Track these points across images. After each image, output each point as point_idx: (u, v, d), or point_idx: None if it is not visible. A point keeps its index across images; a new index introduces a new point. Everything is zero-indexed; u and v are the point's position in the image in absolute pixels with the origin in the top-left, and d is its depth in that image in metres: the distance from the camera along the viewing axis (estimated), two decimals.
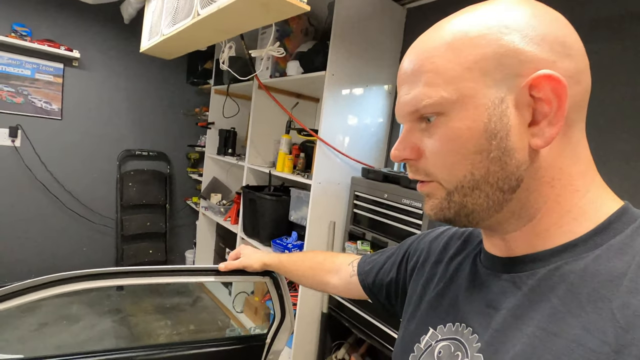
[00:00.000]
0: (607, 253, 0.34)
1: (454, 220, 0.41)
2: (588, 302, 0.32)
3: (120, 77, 2.83)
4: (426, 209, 0.43)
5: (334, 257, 0.81)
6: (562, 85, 0.33)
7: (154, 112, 3.04)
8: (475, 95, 0.35)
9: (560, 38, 0.35)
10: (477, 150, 0.36)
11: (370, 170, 1.77)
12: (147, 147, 3.04)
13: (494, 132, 0.35)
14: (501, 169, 0.36)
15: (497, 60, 0.35)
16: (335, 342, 2.01)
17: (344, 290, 0.75)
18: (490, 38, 0.35)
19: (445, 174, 0.39)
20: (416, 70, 0.38)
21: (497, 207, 0.38)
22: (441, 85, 0.36)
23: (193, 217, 3.30)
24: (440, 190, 0.40)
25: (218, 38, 1.54)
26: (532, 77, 0.34)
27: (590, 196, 0.37)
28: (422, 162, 0.41)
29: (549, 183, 0.37)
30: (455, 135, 0.37)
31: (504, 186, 0.37)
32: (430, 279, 0.53)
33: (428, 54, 0.38)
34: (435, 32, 0.39)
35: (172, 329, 2.36)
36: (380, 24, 1.88)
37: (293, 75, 1.92)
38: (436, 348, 0.45)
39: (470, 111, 0.36)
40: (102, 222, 2.89)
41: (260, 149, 2.37)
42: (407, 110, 0.40)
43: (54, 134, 2.62)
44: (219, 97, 2.78)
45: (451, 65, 0.36)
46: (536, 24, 0.35)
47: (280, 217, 2.11)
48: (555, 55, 0.34)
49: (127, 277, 0.71)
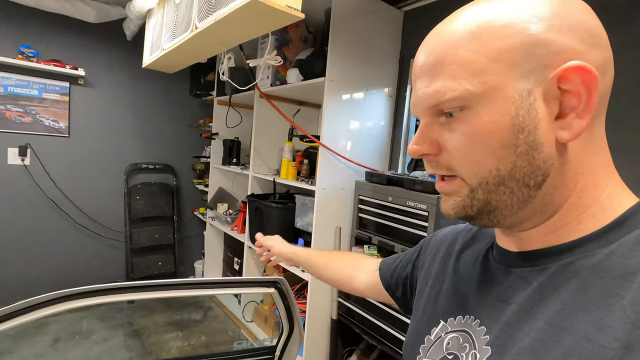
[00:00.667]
0: (621, 249, 0.33)
1: (475, 218, 0.39)
2: (599, 299, 0.32)
3: (124, 93, 2.88)
4: (446, 208, 0.41)
5: (366, 258, 0.82)
6: (593, 76, 0.32)
7: (158, 125, 3.08)
8: (503, 88, 0.34)
9: (589, 28, 0.34)
10: (503, 145, 0.35)
11: (374, 174, 1.76)
12: (153, 160, 3.08)
13: (522, 125, 0.34)
14: (528, 163, 0.35)
15: (525, 51, 0.33)
16: (347, 348, 1.99)
17: (368, 287, 0.75)
18: (518, 28, 0.33)
19: (470, 170, 0.37)
20: (438, 63, 0.37)
21: (522, 204, 0.37)
22: (466, 77, 0.35)
23: (201, 227, 3.32)
24: (463, 187, 0.38)
25: (217, 50, 1.56)
26: (562, 69, 0.33)
27: (610, 191, 0.36)
28: (443, 157, 0.39)
29: (573, 177, 0.36)
30: (481, 130, 0.35)
31: (530, 182, 0.35)
32: (440, 272, 0.53)
33: (450, 45, 0.36)
34: (457, 22, 0.36)
35: (183, 341, 2.37)
36: (378, 28, 1.89)
37: (293, 82, 1.93)
38: (445, 339, 0.45)
39: (497, 104, 0.34)
40: (112, 236, 2.93)
41: (264, 157, 2.38)
42: (427, 103, 0.38)
43: (62, 151, 2.68)
44: (222, 108, 2.81)
45: (476, 56, 0.34)
46: (565, 13, 0.33)
47: (287, 224, 2.11)
48: (584, 45, 0.33)
49: (142, 291, 0.72)
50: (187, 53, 1.58)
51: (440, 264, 0.54)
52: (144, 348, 2.26)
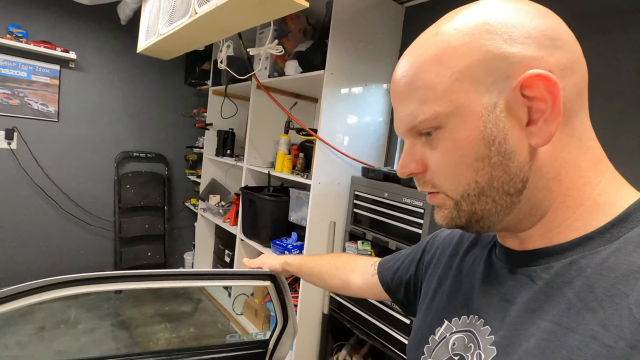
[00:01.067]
0: (626, 246, 0.33)
1: (466, 227, 0.41)
2: (605, 297, 0.32)
3: (117, 78, 2.82)
4: (437, 219, 0.43)
5: (358, 259, 0.81)
6: (552, 82, 0.33)
7: (151, 113, 3.02)
8: (469, 105, 0.35)
9: (547, 31, 0.34)
10: (477, 158, 0.36)
11: (371, 170, 1.75)
12: (145, 149, 3.02)
13: (492, 137, 0.35)
14: (504, 172, 0.36)
15: (485, 67, 0.34)
16: (337, 343, 1.99)
17: (366, 290, 0.74)
18: (474, 45, 0.35)
19: (450, 185, 0.39)
20: (407, 88, 0.39)
21: (506, 210, 0.38)
22: (433, 100, 0.36)
23: (192, 219, 3.28)
24: (448, 201, 0.40)
25: (216, 37, 1.53)
26: (522, 78, 0.34)
27: (603, 187, 0.36)
28: (428, 175, 0.41)
29: (556, 178, 0.36)
30: (455, 146, 0.37)
31: (510, 189, 0.36)
32: (445, 272, 0.53)
33: (416, 70, 0.38)
34: (420, 47, 0.39)
35: (172, 332, 2.34)
36: (379, 23, 1.87)
37: (292, 74, 1.90)
38: (450, 340, 0.45)
39: (466, 121, 0.36)
40: (100, 224, 2.87)
41: (259, 150, 2.36)
42: (404, 127, 0.40)
43: (50, 136, 2.60)
44: (217, 98, 2.77)
45: (440, 78, 0.36)
46: (518, 23, 0.34)
47: (280, 217, 2.10)
48: (543, 50, 0.34)
49: (127, 281, 0.69)
50: (185, 39, 1.54)
51: (446, 264, 0.54)
52: (132, 339, 2.23)
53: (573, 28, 0.37)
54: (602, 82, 1.27)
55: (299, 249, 1.97)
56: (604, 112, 1.26)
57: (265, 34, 2.05)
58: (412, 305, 0.64)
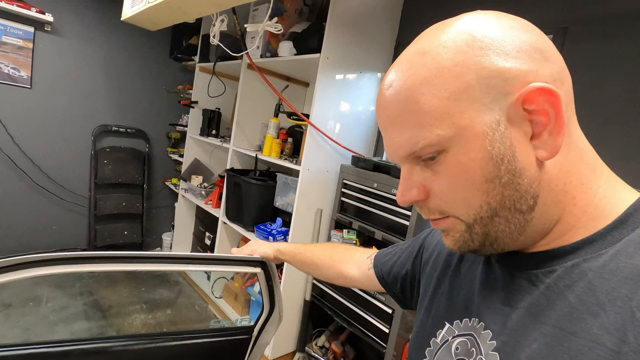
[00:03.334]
0: (627, 249, 0.33)
1: (479, 250, 0.39)
2: (607, 301, 0.31)
3: (97, 46, 2.65)
4: (449, 243, 0.41)
5: (354, 250, 0.80)
6: (554, 94, 0.33)
7: (133, 86, 2.87)
8: (471, 125, 0.34)
9: (535, 44, 0.34)
10: (488, 179, 0.35)
11: (361, 159, 1.74)
12: (125, 124, 2.89)
13: (500, 156, 0.34)
14: (515, 191, 0.35)
15: (482, 84, 0.33)
16: (316, 329, 2.01)
17: (362, 282, 0.74)
18: (468, 64, 0.33)
19: (462, 209, 0.37)
20: (400, 112, 0.36)
21: (520, 229, 0.37)
22: (434, 123, 0.35)
23: (172, 198, 3.19)
24: (459, 224, 0.38)
25: (210, 10, 1.44)
26: (523, 93, 0.33)
27: (603, 191, 0.36)
28: (433, 202, 0.39)
29: (563, 189, 0.36)
30: (463, 170, 0.35)
31: (522, 207, 0.35)
32: (444, 272, 0.52)
33: (408, 93, 0.36)
34: (408, 67, 0.36)
35: (147, 314, 2.29)
36: (377, 10, 1.83)
37: (285, 56, 1.84)
38: (453, 344, 0.44)
39: (471, 142, 0.34)
40: (74, 200, 2.74)
41: (247, 132, 2.29)
42: (402, 153, 0.38)
43: (22, 103, 2.43)
44: (204, 75, 2.66)
45: (436, 101, 0.34)
46: (508, 37, 0.34)
47: (266, 202, 2.06)
48: (536, 63, 0.33)
49: (107, 262, 0.65)
50: (176, 10, 1.45)
51: (445, 263, 0.53)
52: (105, 319, 2.17)
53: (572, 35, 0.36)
54: (590, 90, 1.29)
55: (283, 234, 1.95)
56: (591, 118, 1.29)
57: (261, 11, 1.97)
58: (408, 300, 0.64)
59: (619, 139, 1.25)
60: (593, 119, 1.28)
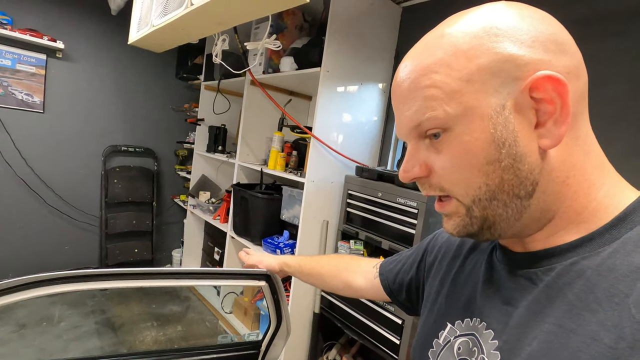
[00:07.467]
0: (625, 246, 0.33)
1: (478, 235, 0.40)
2: (605, 298, 0.32)
3: (106, 70, 2.74)
4: (448, 228, 0.42)
5: (360, 260, 0.80)
6: (562, 84, 0.33)
7: (141, 107, 2.95)
8: (479, 106, 0.35)
9: (552, 36, 0.35)
10: (488, 161, 0.36)
11: (365, 169, 1.75)
12: (134, 143, 2.96)
13: (502, 140, 0.35)
14: (515, 175, 0.35)
15: (494, 68, 0.34)
16: (327, 342, 1.99)
17: (369, 292, 0.73)
18: (483, 48, 0.35)
19: (461, 189, 0.38)
20: (413, 88, 0.38)
21: (517, 215, 0.37)
22: (443, 99, 0.36)
23: (181, 215, 3.23)
24: (459, 207, 0.39)
25: (212, 30, 1.50)
26: (531, 80, 0.33)
27: (607, 189, 0.36)
28: (434, 179, 0.40)
29: (565, 182, 0.36)
30: (465, 149, 0.36)
31: (520, 192, 0.36)
32: (447, 274, 0.52)
33: (423, 71, 0.37)
34: (426, 49, 0.38)
35: (158, 331, 2.30)
36: (376, 22, 1.86)
37: (287, 71, 1.88)
38: (455, 344, 0.44)
39: (476, 123, 0.35)
40: (86, 220, 2.80)
41: (252, 147, 2.33)
42: (410, 125, 0.39)
43: (35, 127, 2.52)
44: (209, 93, 2.72)
45: (449, 80, 0.35)
46: (525, 27, 0.34)
47: (272, 215, 2.08)
48: (550, 54, 0.34)
49: (117, 279, 0.66)
50: (179, 32, 1.50)
51: (449, 266, 0.53)
52: (117, 337, 2.18)
53: (574, 33, 0.37)
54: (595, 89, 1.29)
55: (290, 247, 1.95)
56: (597, 117, 1.28)
57: (262, 29, 2.02)
58: (414, 306, 0.63)
59: (624, 137, 1.24)
60: (598, 119, 1.27)
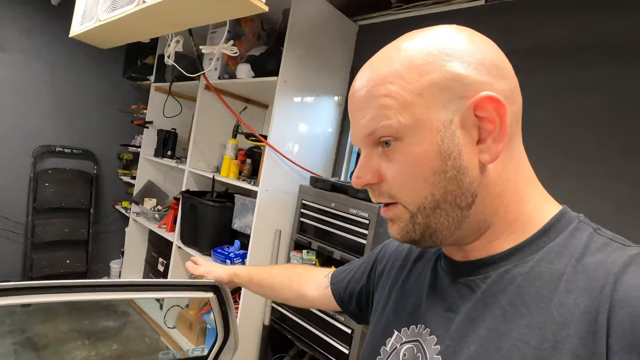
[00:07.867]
0: (549, 255, 0.37)
1: (419, 241, 0.42)
2: (532, 302, 0.35)
3: (43, 63, 2.50)
4: (392, 232, 0.44)
5: (311, 269, 0.79)
6: (501, 104, 0.36)
7: (81, 105, 2.72)
8: (428, 120, 0.37)
9: (495, 62, 0.38)
10: (435, 172, 0.38)
11: (319, 179, 1.77)
12: (71, 144, 2.71)
13: (448, 152, 0.37)
14: (457, 187, 0.38)
15: (443, 85, 0.37)
16: (277, 355, 1.94)
17: (321, 302, 0.73)
18: (435, 65, 0.37)
19: (408, 196, 0.40)
20: (369, 96, 0.40)
21: (457, 224, 0.40)
22: (397, 109, 0.38)
23: (122, 223, 3.00)
24: (404, 213, 0.41)
25: (165, 31, 1.43)
26: (476, 99, 0.36)
27: (534, 202, 0.40)
28: (384, 186, 0.42)
29: (499, 195, 0.39)
30: (414, 159, 0.38)
31: (461, 203, 0.39)
32: (395, 282, 0.54)
33: (380, 81, 0.39)
34: (384, 59, 0.40)
35: (90, 350, 2.09)
36: (333, 37, 1.91)
37: (244, 78, 1.86)
38: (401, 350, 0.46)
39: (425, 135, 0.37)
40: (8, 227, 2.49)
41: (204, 153, 2.25)
42: (365, 132, 0.41)
43: None
44: (160, 95, 2.59)
45: (403, 91, 0.38)
46: (473, 51, 0.38)
47: (223, 224, 2.01)
48: (492, 77, 0.37)
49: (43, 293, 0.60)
50: (128, 30, 1.42)
51: (396, 275, 0.55)
52: (39, 359, 1.94)
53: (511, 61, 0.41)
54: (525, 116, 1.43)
55: (241, 257, 1.90)
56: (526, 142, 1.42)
57: (218, 34, 1.98)
58: (364, 315, 0.64)
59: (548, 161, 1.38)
60: (526, 145, 1.41)
